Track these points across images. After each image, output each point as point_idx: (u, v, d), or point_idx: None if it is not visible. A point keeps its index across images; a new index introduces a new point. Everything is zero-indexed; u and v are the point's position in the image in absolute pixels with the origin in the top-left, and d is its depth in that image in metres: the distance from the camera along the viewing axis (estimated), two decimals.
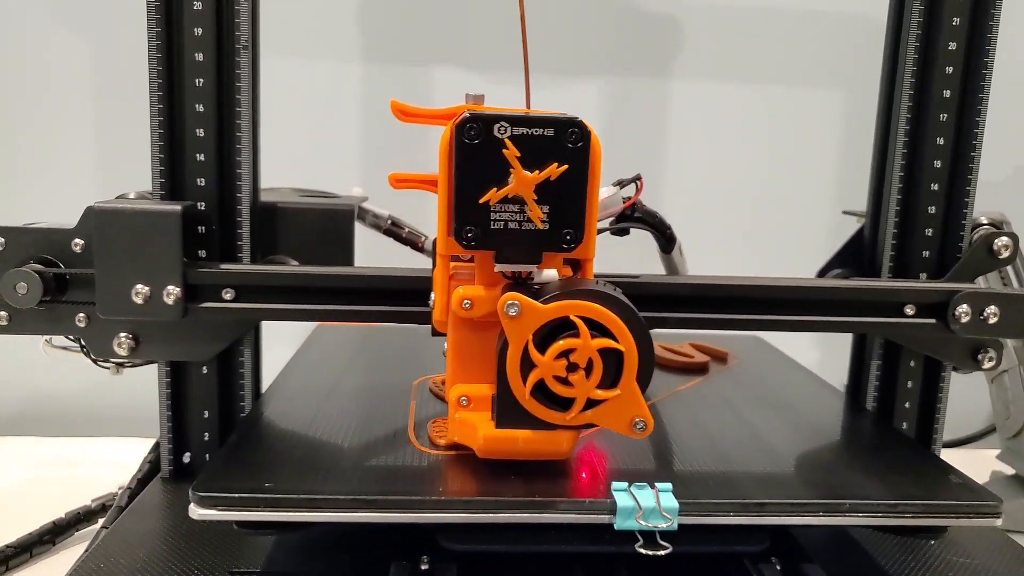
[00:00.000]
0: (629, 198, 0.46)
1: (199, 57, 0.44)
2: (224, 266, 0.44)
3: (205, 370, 0.47)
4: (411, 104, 0.40)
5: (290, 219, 0.48)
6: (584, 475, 0.38)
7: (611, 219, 0.47)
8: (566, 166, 0.34)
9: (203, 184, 0.45)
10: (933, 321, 0.45)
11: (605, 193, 0.46)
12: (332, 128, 0.79)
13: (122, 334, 0.45)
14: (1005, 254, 0.47)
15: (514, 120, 0.34)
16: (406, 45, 0.79)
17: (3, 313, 0.44)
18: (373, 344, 0.62)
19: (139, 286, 0.42)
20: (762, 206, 0.84)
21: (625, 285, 0.41)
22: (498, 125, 0.34)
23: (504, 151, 0.34)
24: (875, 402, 0.51)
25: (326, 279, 0.43)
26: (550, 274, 0.37)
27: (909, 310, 0.45)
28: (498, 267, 0.36)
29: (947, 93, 0.47)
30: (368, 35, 0.78)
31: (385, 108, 0.78)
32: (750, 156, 0.84)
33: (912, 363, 0.50)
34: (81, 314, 0.45)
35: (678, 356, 0.61)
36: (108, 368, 0.50)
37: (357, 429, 0.43)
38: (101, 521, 0.55)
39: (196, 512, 0.35)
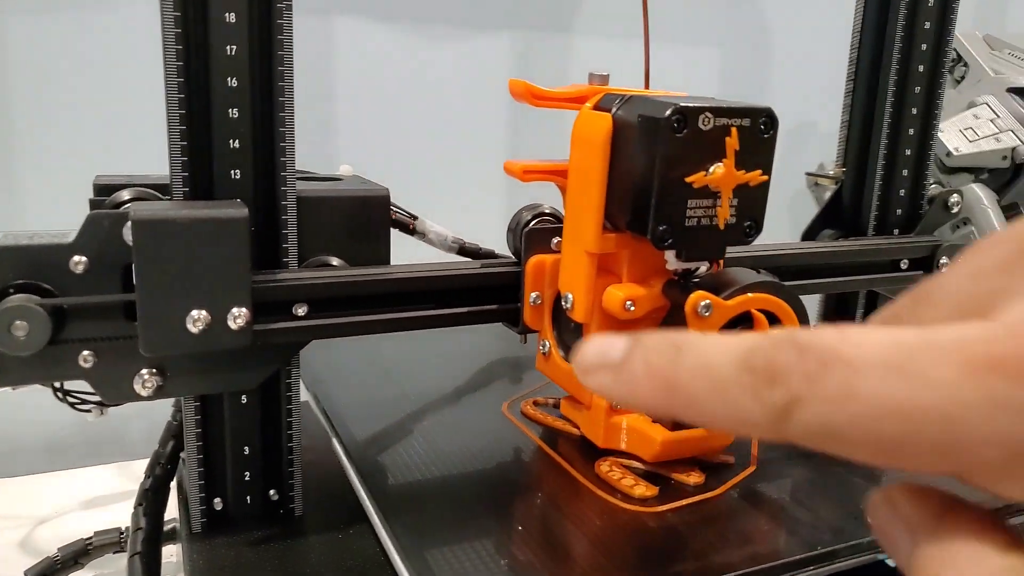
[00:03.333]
0: None
1: (230, 18, 0.35)
2: (293, 276, 0.36)
3: (245, 399, 0.39)
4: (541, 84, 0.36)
5: (319, 210, 0.41)
6: None
7: None
8: (767, 177, 0.33)
9: (237, 176, 0.36)
10: (921, 272, 0.51)
11: None
12: None
13: (144, 371, 0.36)
14: (955, 208, 0.54)
15: (716, 111, 0.32)
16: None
17: None
18: (391, 352, 0.56)
19: (196, 312, 0.34)
20: None
21: None
22: (702, 116, 0.32)
23: (727, 139, 0.32)
24: None
25: (421, 282, 0.38)
26: (702, 266, 0.36)
27: (903, 264, 0.51)
28: (676, 264, 0.35)
29: (921, 69, 0.52)
30: None
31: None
32: None
33: None
34: (86, 352, 0.35)
35: None
36: (88, 412, 0.40)
37: (511, 486, 0.40)
38: None
39: None
